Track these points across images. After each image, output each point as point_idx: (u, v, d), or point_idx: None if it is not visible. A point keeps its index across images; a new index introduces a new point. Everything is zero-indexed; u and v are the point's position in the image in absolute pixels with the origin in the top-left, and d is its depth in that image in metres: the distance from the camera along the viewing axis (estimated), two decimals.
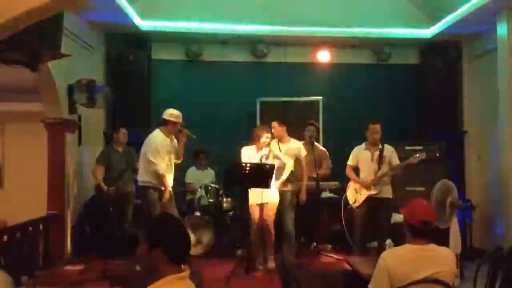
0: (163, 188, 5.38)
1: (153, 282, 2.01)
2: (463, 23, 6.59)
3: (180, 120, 5.47)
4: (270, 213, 5.55)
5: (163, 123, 5.47)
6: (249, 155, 5.52)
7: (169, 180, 5.51)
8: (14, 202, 7.31)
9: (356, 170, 5.82)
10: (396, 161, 5.64)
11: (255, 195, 5.45)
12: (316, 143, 6.43)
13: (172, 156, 5.56)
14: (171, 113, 5.43)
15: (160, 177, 5.33)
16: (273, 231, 5.52)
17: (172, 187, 5.53)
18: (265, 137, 5.50)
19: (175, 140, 5.56)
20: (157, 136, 5.42)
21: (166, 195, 5.36)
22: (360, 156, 5.77)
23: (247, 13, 7.13)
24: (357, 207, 5.74)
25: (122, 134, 6.25)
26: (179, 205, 6.11)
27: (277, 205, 5.56)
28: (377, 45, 7.55)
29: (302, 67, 7.70)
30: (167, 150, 5.44)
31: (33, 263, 5.26)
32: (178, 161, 5.67)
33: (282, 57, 7.70)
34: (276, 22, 7.18)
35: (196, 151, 6.74)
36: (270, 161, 5.41)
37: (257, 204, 5.50)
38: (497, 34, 6.12)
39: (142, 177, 5.43)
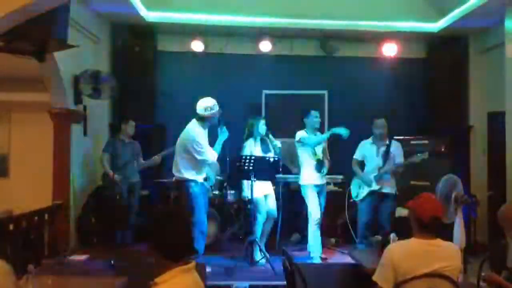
0: (203, 181, 5.18)
1: (160, 274, 2.03)
2: (471, 17, 6.54)
3: (216, 109, 5.10)
4: (274, 204, 5.74)
5: (200, 119, 5.09)
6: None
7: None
8: (20, 191, 7.35)
9: (362, 164, 5.86)
10: (400, 159, 5.68)
11: (260, 186, 5.54)
12: None
13: None
14: (206, 107, 5.04)
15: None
16: None
17: None
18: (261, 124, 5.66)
19: None
20: (196, 129, 5.06)
21: None
22: (366, 150, 5.83)
23: (253, 5, 7.10)
24: (360, 201, 5.79)
25: (131, 126, 6.31)
26: None
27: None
28: (384, 39, 7.50)
29: (308, 60, 7.67)
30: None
31: (39, 252, 5.30)
32: None
33: (287, 50, 7.67)
34: (282, 14, 7.15)
35: None
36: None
37: (264, 196, 5.63)
38: (505, 28, 6.07)
39: (181, 172, 5.07)
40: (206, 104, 5.06)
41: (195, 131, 5.04)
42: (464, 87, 7.50)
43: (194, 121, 5.12)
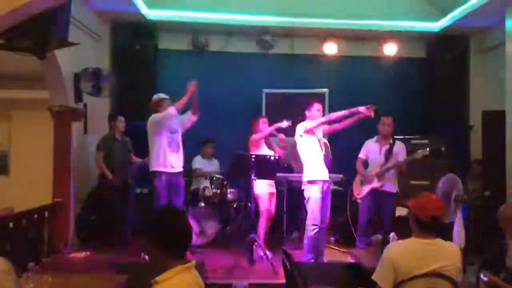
0: (172, 171, 5.45)
1: (160, 273, 2.03)
2: (471, 17, 6.56)
3: (162, 96, 5.62)
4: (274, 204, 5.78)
5: (156, 112, 5.55)
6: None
7: (177, 159, 5.54)
8: (20, 189, 7.35)
9: (366, 163, 5.86)
10: (402, 157, 5.67)
11: (265, 184, 5.61)
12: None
13: (177, 135, 5.58)
14: (154, 99, 5.62)
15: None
16: None
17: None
18: (262, 122, 5.75)
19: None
20: (154, 116, 5.52)
21: None
22: (370, 149, 5.83)
23: (255, 4, 7.11)
24: (361, 199, 5.79)
25: (121, 122, 6.27)
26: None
27: None
28: (384, 38, 7.50)
29: (309, 59, 7.66)
30: (167, 126, 5.44)
31: (39, 249, 5.30)
32: (194, 118, 5.77)
33: (288, 49, 7.68)
34: (283, 13, 7.15)
35: (203, 140, 6.78)
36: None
37: (269, 193, 5.68)
38: (506, 28, 6.07)
39: (151, 163, 5.50)
40: (153, 99, 5.63)
41: (151, 116, 5.53)
42: (464, 87, 7.51)
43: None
